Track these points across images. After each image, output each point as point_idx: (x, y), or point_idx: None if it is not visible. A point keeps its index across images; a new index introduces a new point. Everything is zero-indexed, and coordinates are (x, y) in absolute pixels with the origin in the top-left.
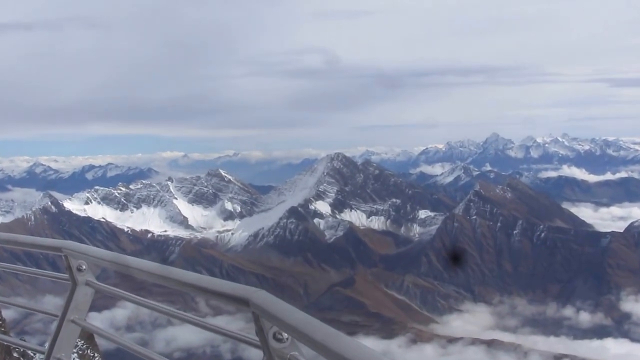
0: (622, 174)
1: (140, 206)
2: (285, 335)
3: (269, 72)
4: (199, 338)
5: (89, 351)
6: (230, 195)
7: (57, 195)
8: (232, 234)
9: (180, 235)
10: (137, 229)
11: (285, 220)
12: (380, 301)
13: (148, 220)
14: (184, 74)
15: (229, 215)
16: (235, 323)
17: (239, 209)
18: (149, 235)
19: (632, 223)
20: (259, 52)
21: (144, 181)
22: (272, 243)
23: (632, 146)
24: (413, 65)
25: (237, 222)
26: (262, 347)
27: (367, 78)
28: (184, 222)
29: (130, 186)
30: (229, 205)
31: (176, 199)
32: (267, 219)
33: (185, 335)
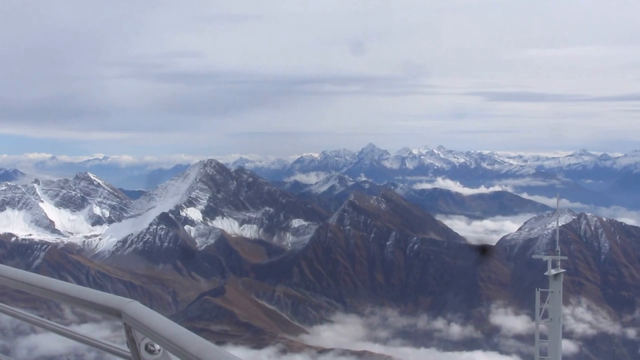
0: (496, 188)
1: (4, 209)
2: (157, 347)
3: (143, 75)
4: (63, 346)
5: None
6: (99, 199)
7: None
8: (100, 239)
9: (45, 240)
10: (0, 232)
11: (155, 227)
12: (251, 311)
13: (12, 224)
14: (53, 74)
15: (97, 220)
16: (101, 331)
17: (107, 213)
18: (13, 239)
19: (504, 237)
20: (132, 54)
21: (8, 183)
22: (141, 249)
23: (506, 160)
24: (290, 72)
25: (106, 227)
26: (133, 358)
27: (242, 84)
28: (50, 226)
29: None
30: (97, 210)
31: (42, 202)
32: (137, 224)
33: (49, 343)
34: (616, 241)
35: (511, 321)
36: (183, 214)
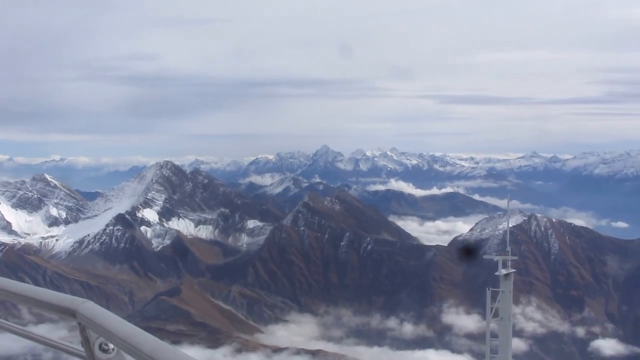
0: (448, 189)
1: None
2: (112, 346)
3: (99, 78)
4: (19, 346)
5: None
6: (55, 200)
7: None
8: (57, 240)
9: (2, 241)
10: None
11: (111, 228)
12: (206, 311)
13: None
14: (10, 76)
15: (54, 221)
16: (57, 332)
17: (64, 215)
18: None
19: (456, 237)
20: (89, 56)
21: None
22: (98, 250)
23: (458, 162)
24: (246, 75)
25: (63, 228)
26: (87, 357)
27: (198, 87)
28: (7, 227)
29: None
30: (54, 211)
31: None
32: (93, 225)
33: (5, 343)
34: (565, 242)
35: (463, 320)
36: (139, 215)
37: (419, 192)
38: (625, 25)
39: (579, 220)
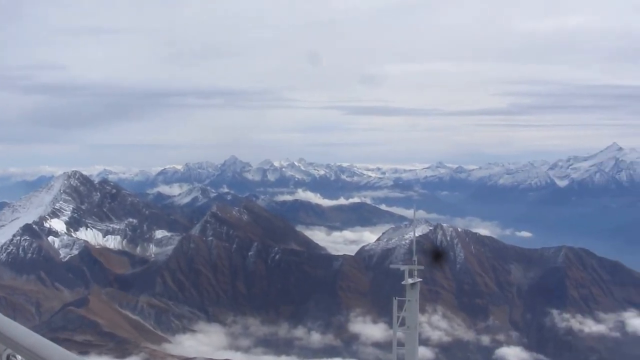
0: (355, 199)
1: None
2: (19, 357)
3: (5, 87)
4: None
5: None
6: None
7: None
8: None
9: None
10: None
11: (18, 238)
12: (114, 321)
13: None
14: None
15: None
16: None
17: None
18: None
19: (363, 247)
20: None
21: None
22: (5, 261)
23: (365, 172)
24: (153, 85)
25: None
26: None
27: (106, 97)
28: None
29: None
30: None
31: None
32: (0, 236)
33: None
34: (471, 251)
35: (370, 329)
36: (47, 225)
37: (326, 202)
38: (529, 37)
39: (484, 229)
